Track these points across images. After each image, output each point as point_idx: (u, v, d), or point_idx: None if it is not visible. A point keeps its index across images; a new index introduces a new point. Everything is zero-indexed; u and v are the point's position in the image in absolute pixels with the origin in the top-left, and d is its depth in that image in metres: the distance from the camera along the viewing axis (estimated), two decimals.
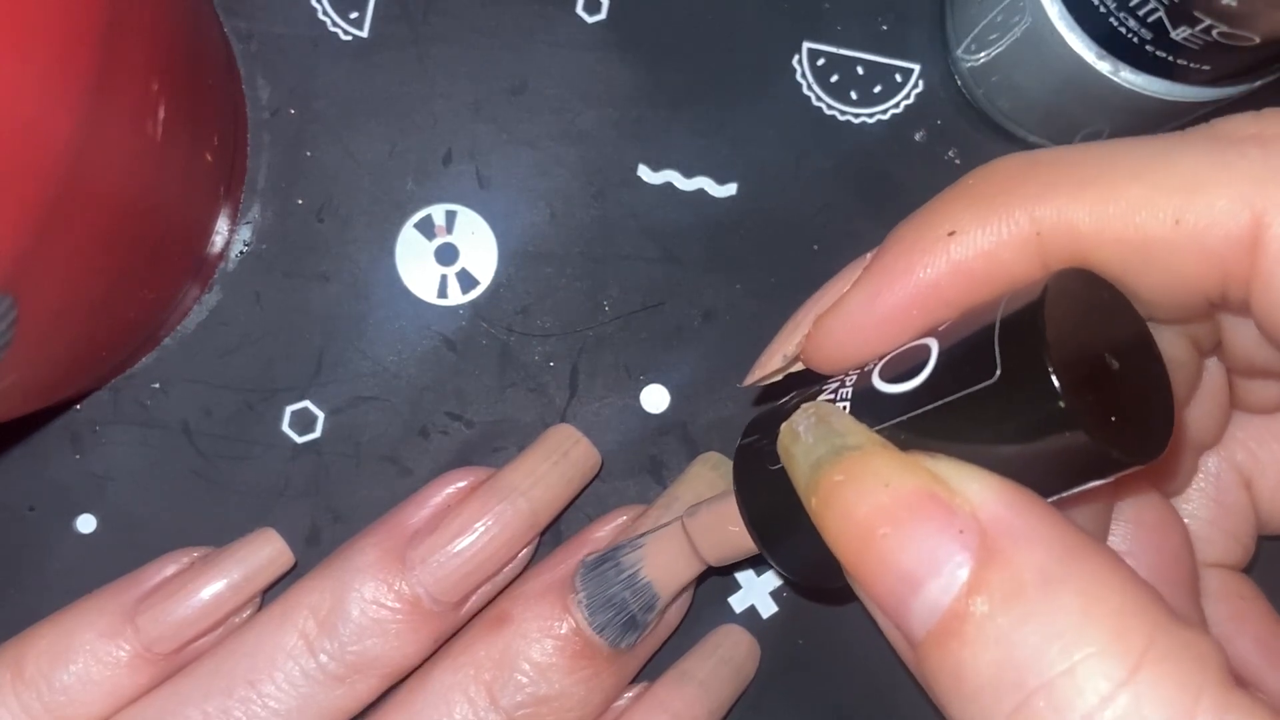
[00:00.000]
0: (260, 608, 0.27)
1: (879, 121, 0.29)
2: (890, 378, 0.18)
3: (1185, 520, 0.24)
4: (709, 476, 0.27)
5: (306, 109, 0.28)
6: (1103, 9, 0.23)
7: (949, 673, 0.16)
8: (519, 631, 0.25)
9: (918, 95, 0.29)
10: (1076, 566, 0.16)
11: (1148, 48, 0.23)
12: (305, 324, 0.28)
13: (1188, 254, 0.17)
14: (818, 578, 0.21)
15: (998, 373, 0.17)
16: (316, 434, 0.28)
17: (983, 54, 0.27)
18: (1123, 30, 0.23)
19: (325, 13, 0.29)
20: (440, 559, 0.25)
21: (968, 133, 0.29)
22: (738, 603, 0.29)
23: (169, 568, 0.26)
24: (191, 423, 0.28)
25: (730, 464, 0.28)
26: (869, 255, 0.20)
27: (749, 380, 0.22)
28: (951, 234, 0.18)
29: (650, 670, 0.27)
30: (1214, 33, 0.21)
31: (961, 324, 0.18)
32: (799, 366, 0.22)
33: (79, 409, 0.28)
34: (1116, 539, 0.22)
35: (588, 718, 0.25)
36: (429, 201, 0.29)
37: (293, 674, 0.25)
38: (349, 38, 0.29)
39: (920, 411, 0.18)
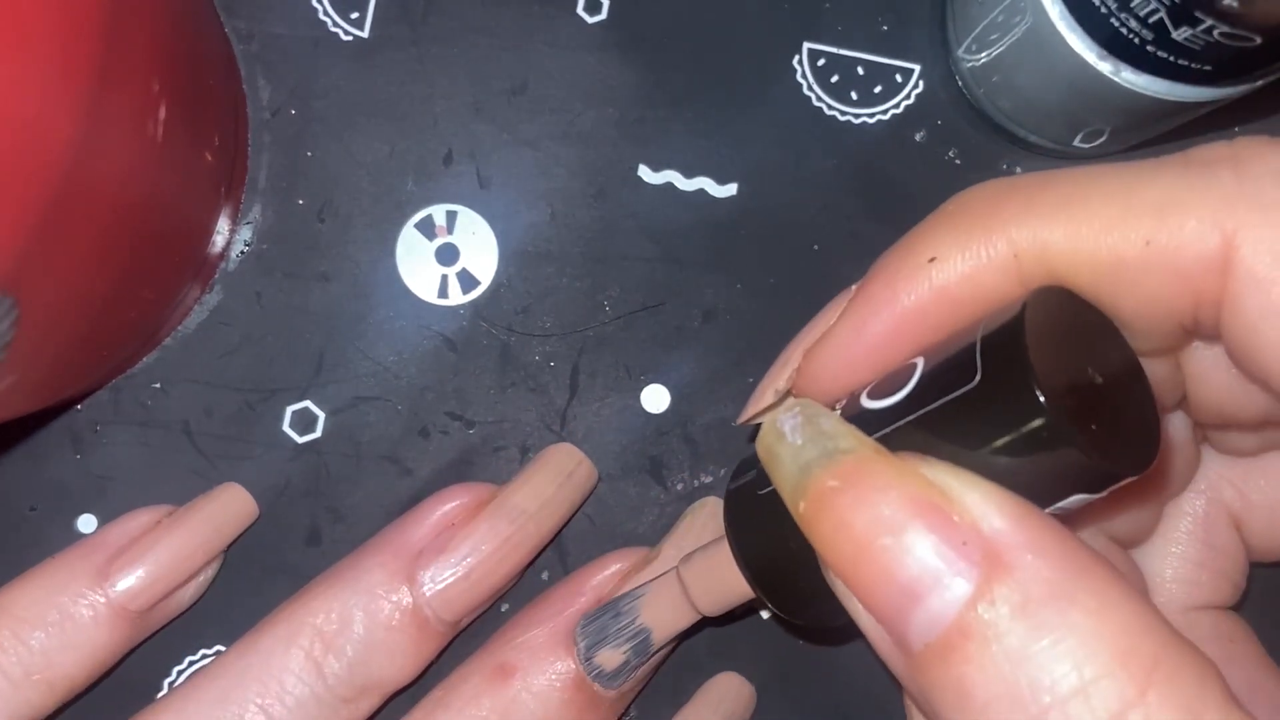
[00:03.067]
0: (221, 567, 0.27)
1: (879, 122, 0.29)
2: (876, 395, 0.19)
3: (1173, 565, 0.24)
4: (708, 525, 0.27)
5: (307, 109, 0.28)
6: (1104, 10, 0.23)
7: (952, 687, 0.15)
8: (525, 685, 0.25)
9: (918, 95, 0.29)
10: (1083, 581, 0.15)
11: (1149, 48, 0.23)
12: (306, 324, 0.28)
13: (1159, 275, 0.17)
14: (814, 613, 0.20)
15: (978, 376, 0.17)
16: (317, 434, 0.28)
17: (984, 54, 0.27)
18: (1124, 31, 0.23)
19: (326, 13, 0.29)
20: (451, 580, 0.25)
21: (968, 133, 0.29)
22: None
23: (135, 525, 0.27)
24: (192, 422, 0.28)
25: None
26: (853, 288, 0.20)
27: (742, 418, 0.22)
28: (932, 260, 0.19)
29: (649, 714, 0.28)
30: (1215, 33, 0.21)
31: (947, 342, 0.19)
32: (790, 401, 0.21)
33: (80, 409, 0.28)
34: None
35: None
36: (429, 201, 0.29)
37: (302, 696, 0.25)
38: (349, 38, 0.29)
39: (903, 422, 0.18)
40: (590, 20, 0.29)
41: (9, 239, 0.18)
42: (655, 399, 0.29)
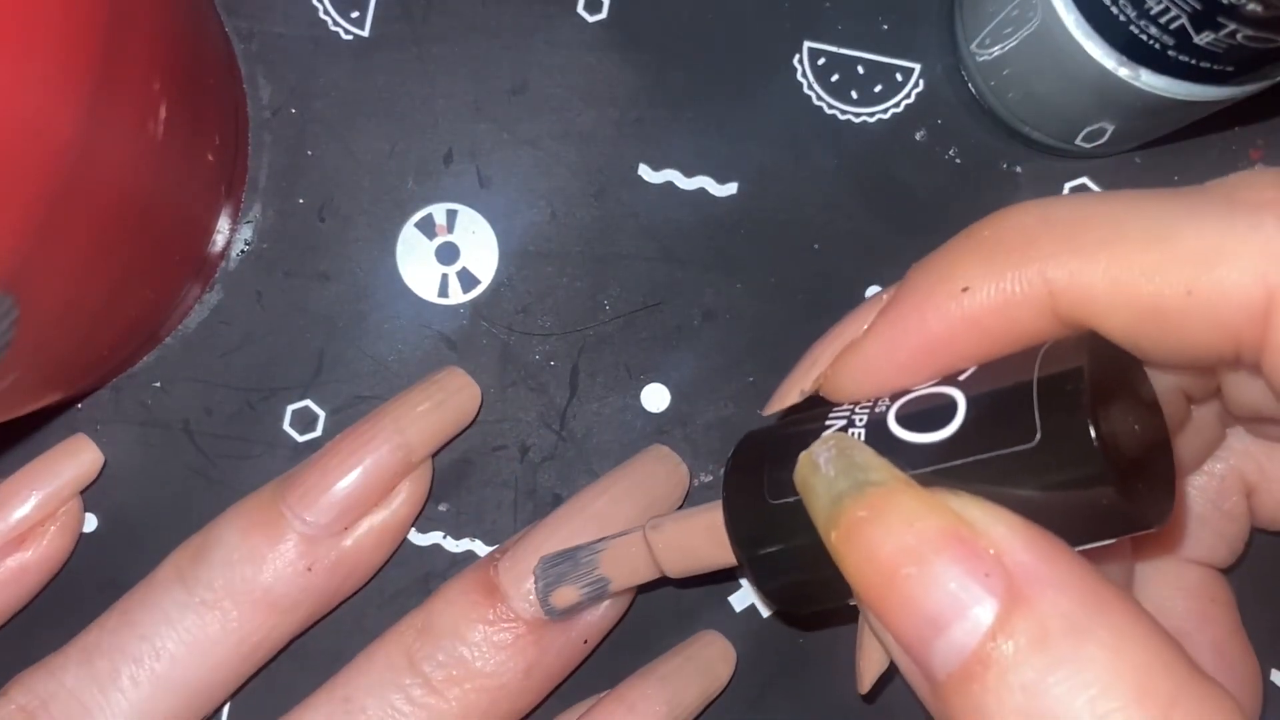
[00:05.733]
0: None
1: (879, 121, 0.29)
2: (911, 425, 0.19)
3: (1178, 515, 0.24)
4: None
5: (307, 108, 0.28)
6: (1122, 18, 0.23)
7: (971, 715, 0.16)
8: (442, 597, 0.25)
9: (918, 95, 0.29)
10: (1102, 617, 0.16)
11: (1170, 53, 0.23)
12: (306, 323, 0.28)
13: (1200, 322, 0.17)
14: (802, 607, 0.22)
15: (1038, 437, 0.17)
16: (317, 433, 0.28)
17: (996, 48, 0.27)
18: (1143, 38, 0.23)
19: (326, 12, 0.29)
20: (304, 472, 0.26)
21: (968, 132, 0.29)
22: (738, 602, 0.29)
23: None
24: (192, 422, 0.28)
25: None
26: (884, 295, 0.20)
27: (768, 410, 0.23)
28: (965, 290, 0.19)
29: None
30: (1239, 36, 0.21)
31: (988, 378, 0.19)
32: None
33: (80, 408, 0.28)
34: None
35: (510, 685, 0.25)
36: (430, 201, 0.29)
37: (175, 618, 0.25)
38: (350, 37, 0.29)
39: (947, 466, 0.18)
40: (590, 19, 0.29)
41: (9, 238, 0.18)
42: (655, 398, 0.29)
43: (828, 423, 0.20)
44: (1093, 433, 0.16)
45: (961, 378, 0.19)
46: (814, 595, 0.21)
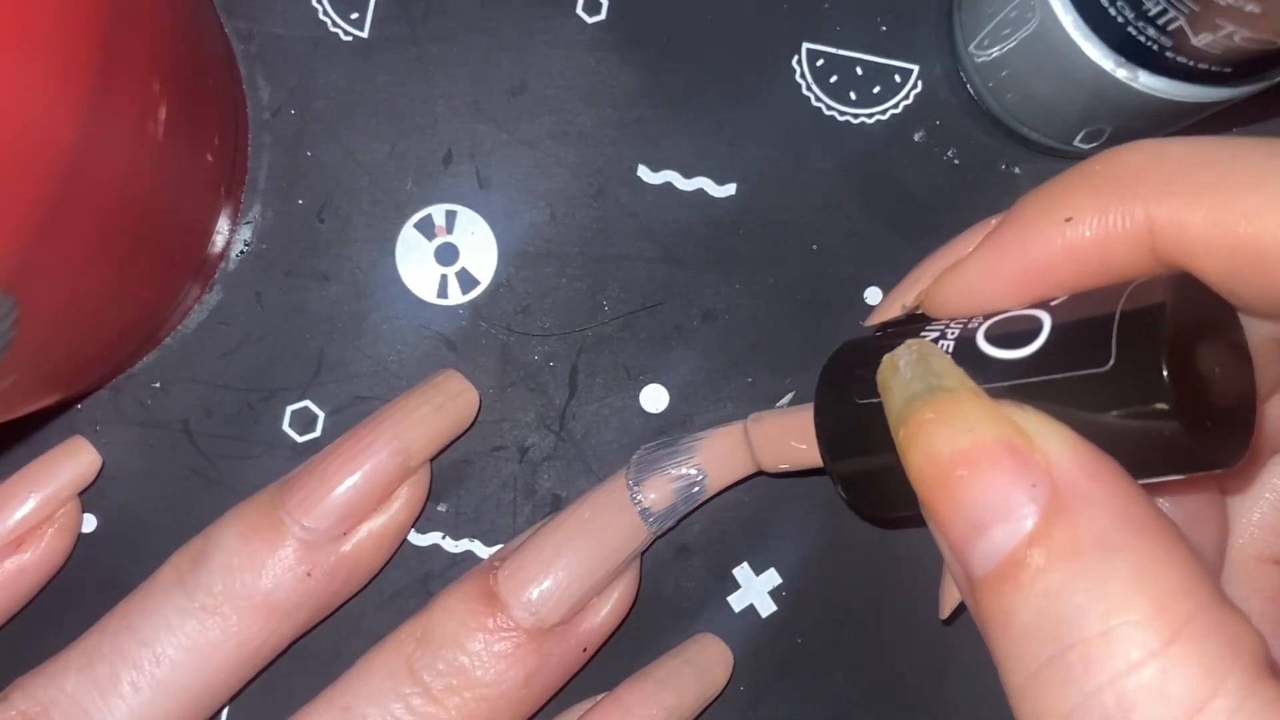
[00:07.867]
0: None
1: (878, 122, 0.29)
2: (997, 342, 0.19)
3: (1261, 510, 0.24)
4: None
5: (307, 109, 0.28)
6: (1120, 19, 0.23)
7: (999, 614, 0.17)
8: (442, 605, 0.25)
9: (917, 96, 0.29)
10: (1135, 537, 0.16)
11: (1168, 54, 0.23)
12: (305, 324, 0.28)
13: None
14: (877, 508, 0.23)
15: (1111, 363, 0.17)
16: (317, 433, 0.28)
17: (995, 49, 0.27)
18: (1141, 39, 0.23)
19: (326, 13, 0.29)
20: (301, 478, 0.26)
21: (967, 133, 0.29)
22: (737, 602, 0.29)
23: None
24: (192, 422, 0.28)
25: None
26: (993, 220, 0.21)
27: (869, 322, 0.24)
28: (1069, 220, 0.19)
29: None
30: (1236, 38, 0.21)
31: (1076, 305, 0.19)
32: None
33: (79, 408, 0.28)
34: None
35: (509, 694, 0.25)
36: (429, 201, 0.29)
37: (175, 623, 0.25)
38: (349, 38, 0.29)
39: (1023, 382, 0.19)
40: (589, 20, 0.29)
41: (9, 239, 0.18)
42: (654, 399, 0.29)
43: (923, 335, 0.21)
44: (1164, 365, 0.17)
45: (1053, 303, 0.20)
46: (886, 497, 0.22)
